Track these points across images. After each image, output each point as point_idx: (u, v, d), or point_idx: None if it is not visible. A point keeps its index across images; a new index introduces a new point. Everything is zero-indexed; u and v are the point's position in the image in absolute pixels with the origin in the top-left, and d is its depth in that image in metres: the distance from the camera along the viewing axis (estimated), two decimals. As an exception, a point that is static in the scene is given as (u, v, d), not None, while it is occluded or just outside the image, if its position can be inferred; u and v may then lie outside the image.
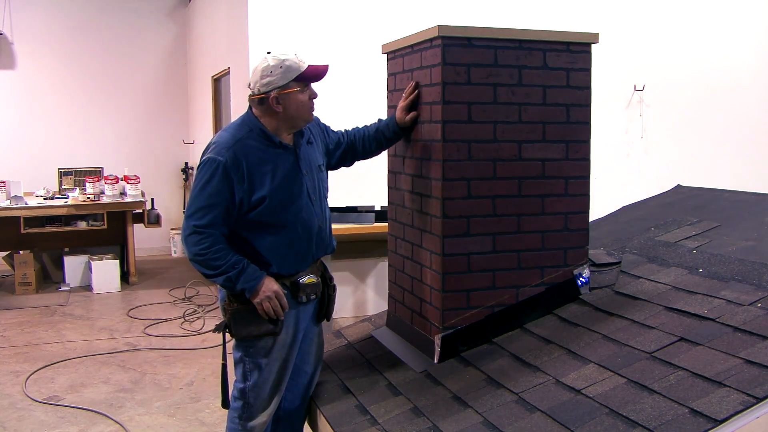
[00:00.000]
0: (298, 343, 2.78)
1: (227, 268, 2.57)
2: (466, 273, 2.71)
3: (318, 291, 2.79)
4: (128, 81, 9.90)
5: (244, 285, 2.58)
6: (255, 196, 2.59)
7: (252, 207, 2.60)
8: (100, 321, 6.77)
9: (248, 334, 2.67)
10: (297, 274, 2.72)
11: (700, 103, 7.55)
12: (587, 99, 2.82)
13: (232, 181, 2.56)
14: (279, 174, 2.63)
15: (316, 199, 2.75)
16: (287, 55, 2.65)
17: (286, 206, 2.64)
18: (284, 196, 2.63)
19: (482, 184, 2.70)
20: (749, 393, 1.92)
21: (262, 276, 2.61)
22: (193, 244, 2.58)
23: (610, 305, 2.71)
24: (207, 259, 2.57)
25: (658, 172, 7.13)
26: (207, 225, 2.56)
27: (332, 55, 6.35)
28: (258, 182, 2.59)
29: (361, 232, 5.80)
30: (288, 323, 2.71)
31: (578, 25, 6.53)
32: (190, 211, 2.59)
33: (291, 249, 2.69)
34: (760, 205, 3.37)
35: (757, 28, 7.79)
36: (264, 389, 2.74)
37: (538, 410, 2.21)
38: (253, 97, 2.66)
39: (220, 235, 2.59)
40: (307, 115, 2.69)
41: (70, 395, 4.86)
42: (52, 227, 8.00)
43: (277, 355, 2.72)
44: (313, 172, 2.75)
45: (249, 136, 2.63)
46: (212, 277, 2.61)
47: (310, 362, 2.90)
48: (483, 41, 2.66)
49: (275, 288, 2.62)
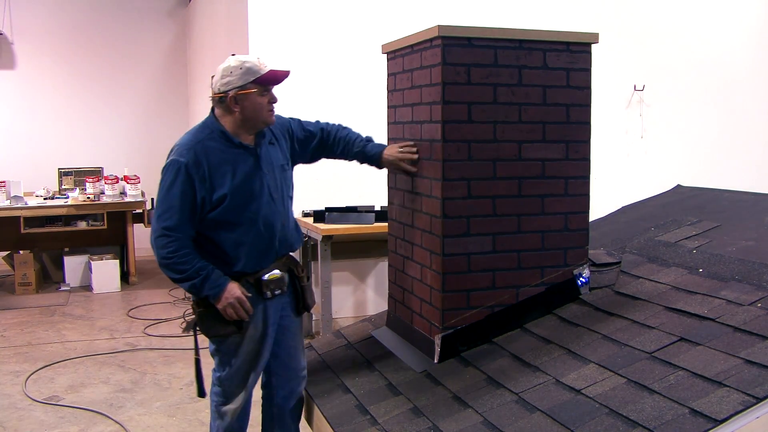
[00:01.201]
0: (269, 336, 2.86)
1: (192, 274, 2.67)
2: (466, 273, 2.71)
3: (283, 286, 2.86)
4: (128, 81, 9.90)
5: (209, 292, 2.69)
6: (216, 195, 2.68)
7: (213, 206, 2.69)
8: (100, 321, 6.78)
9: (215, 333, 2.79)
10: (261, 270, 2.80)
11: (700, 103, 7.55)
12: (587, 99, 2.82)
13: (194, 181, 2.65)
14: (239, 173, 2.71)
15: (278, 198, 2.82)
16: (250, 58, 2.74)
17: (247, 204, 2.73)
18: (245, 194, 2.72)
19: (482, 184, 2.70)
20: (749, 393, 1.92)
21: (225, 282, 2.71)
22: (160, 247, 2.67)
23: (610, 305, 2.71)
24: (173, 263, 2.67)
25: (658, 172, 7.14)
26: (174, 227, 2.65)
27: (332, 55, 6.37)
28: (218, 181, 2.68)
29: (361, 232, 5.80)
30: (256, 318, 2.81)
31: (578, 25, 6.53)
32: (157, 213, 2.69)
33: (253, 246, 2.77)
34: (760, 205, 3.37)
35: (756, 27, 7.79)
36: (236, 378, 2.85)
37: (538, 410, 2.21)
38: (213, 95, 2.76)
39: (187, 238, 2.69)
40: (265, 117, 2.76)
41: (70, 395, 4.86)
42: (52, 227, 8.01)
43: (247, 348, 2.83)
44: (275, 172, 2.83)
45: (209, 137, 2.73)
46: (178, 282, 2.72)
47: (296, 356, 2.98)
48: (483, 41, 2.66)
49: (237, 294, 2.71)
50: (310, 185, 6.13)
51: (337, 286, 6.28)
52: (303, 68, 6.28)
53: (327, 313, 5.70)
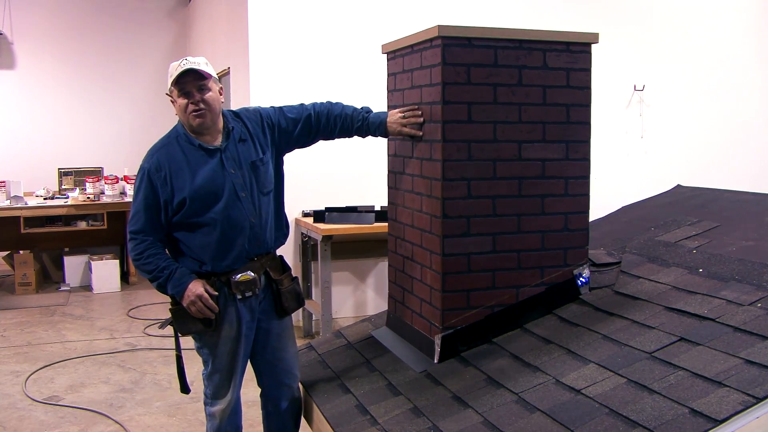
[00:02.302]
0: (244, 336, 2.86)
1: (157, 273, 2.75)
2: (466, 273, 2.71)
3: (254, 288, 2.83)
4: (128, 81, 9.90)
5: (173, 290, 2.76)
6: (176, 199, 2.73)
7: (176, 209, 2.74)
8: (100, 321, 6.78)
9: (188, 330, 2.84)
10: (232, 271, 2.80)
11: (700, 103, 7.56)
12: (587, 99, 2.82)
13: (156, 186, 2.73)
14: (199, 175, 2.73)
15: (246, 196, 2.79)
16: (180, 59, 2.77)
17: (210, 206, 2.74)
18: (206, 196, 2.73)
19: (482, 184, 2.70)
20: (749, 393, 1.92)
21: (188, 281, 2.74)
22: (131, 249, 2.78)
23: (610, 305, 2.71)
24: (140, 264, 2.77)
25: (658, 172, 7.14)
26: (139, 230, 2.75)
27: (332, 55, 6.37)
28: (178, 185, 2.73)
29: (361, 232, 5.80)
30: (230, 318, 2.82)
31: (578, 25, 6.53)
32: (129, 218, 2.81)
33: (220, 246, 2.78)
34: (760, 205, 3.37)
35: (756, 27, 7.79)
36: (218, 377, 2.88)
37: (538, 410, 2.21)
38: None
39: (154, 240, 2.76)
40: (189, 120, 2.75)
41: (70, 395, 4.86)
42: (52, 227, 8.00)
43: (224, 348, 2.84)
44: (244, 170, 2.80)
45: (174, 142, 2.79)
46: (150, 281, 2.79)
47: (282, 357, 2.98)
48: (483, 41, 2.66)
49: (199, 292, 2.73)
50: (310, 185, 6.14)
51: (337, 286, 6.28)
52: (303, 68, 6.29)
53: (327, 313, 5.70)
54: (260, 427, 3.12)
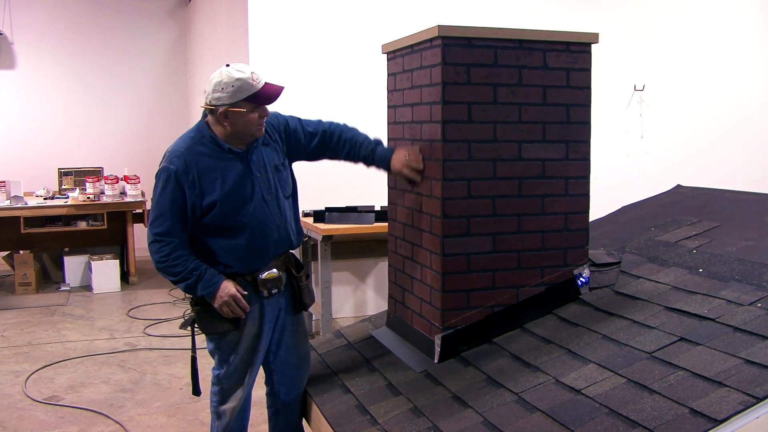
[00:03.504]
0: (266, 334, 2.89)
1: (186, 275, 2.72)
2: (466, 273, 2.71)
3: (280, 285, 2.87)
4: (128, 81, 9.89)
5: (203, 291, 2.73)
6: (206, 201, 2.71)
7: (204, 212, 2.72)
8: (100, 321, 6.78)
9: (213, 331, 2.83)
10: (257, 270, 2.82)
11: (700, 103, 7.55)
12: (587, 99, 2.82)
13: (184, 188, 2.69)
14: (229, 179, 2.73)
15: (272, 200, 2.82)
16: (243, 73, 2.68)
17: (238, 209, 2.74)
18: (236, 200, 2.73)
19: (482, 184, 2.70)
20: (749, 393, 1.92)
21: (219, 281, 2.73)
22: (154, 252, 2.73)
23: (610, 305, 2.71)
24: (167, 266, 2.72)
25: (658, 172, 7.13)
26: (165, 232, 2.70)
27: (332, 55, 6.37)
28: (208, 188, 2.71)
29: (361, 232, 5.80)
30: (253, 316, 2.83)
31: (578, 25, 6.53)
32: (150, 219, 2.76)
33: (247, 250, 2.79)
34: (760, 205, 3.37)
35: (757, 27, 7.79)
36: (234, 375, 2.88)
37: (538, 410, 2.21)
38: (204, 107, 2.76)
39: (181, 242, 2.73)
40: (255, 132, 2.76)
41: (70, 395, 4.86)
42: (52, 227, 8.00)
43: (245, 346, 2.85)
44: (269, 173, 2.82)
45: (200, 144, 2.75)
46: (175, 283, 2.77)
47: (294, 354, 2.99)
48: (483, 41, 2.66)
49: (232, 292, 2.73)
50: (310, 185, 6.12)
51: (337, 286, 6.28)
52: (303, 68, 6.29)
53: (327, 313, 5.70)
54: (260, 427, 3.12)
